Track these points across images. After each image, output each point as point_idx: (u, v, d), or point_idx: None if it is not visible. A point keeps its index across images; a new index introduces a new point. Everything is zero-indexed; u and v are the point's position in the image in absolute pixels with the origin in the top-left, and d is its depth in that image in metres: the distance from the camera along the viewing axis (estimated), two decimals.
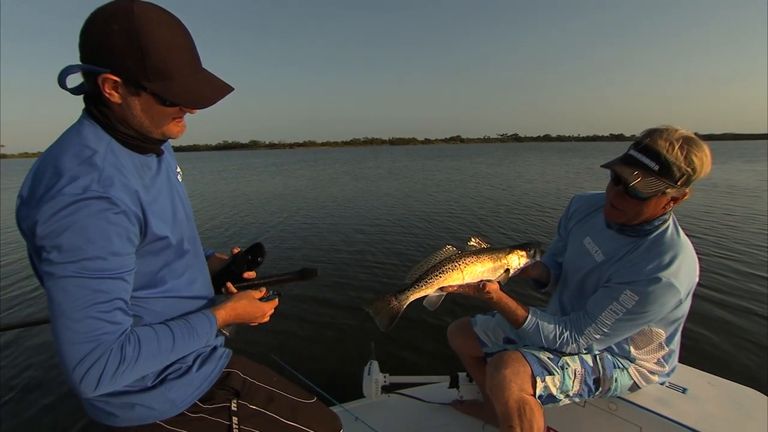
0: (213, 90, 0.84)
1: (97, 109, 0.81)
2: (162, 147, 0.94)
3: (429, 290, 1.21)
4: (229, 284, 1.12)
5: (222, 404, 1.03)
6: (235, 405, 1.04)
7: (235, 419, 1.02)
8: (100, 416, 0.91)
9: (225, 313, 0.98)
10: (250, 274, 1.17)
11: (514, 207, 9.47)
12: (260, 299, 1.06)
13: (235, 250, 1.20)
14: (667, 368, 1.38)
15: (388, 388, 1.95)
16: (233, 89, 0.87)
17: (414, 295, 1.21)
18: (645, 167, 1.12)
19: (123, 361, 0.74)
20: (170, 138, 0.90)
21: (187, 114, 0.89)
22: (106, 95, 0.77)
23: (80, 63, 0.77)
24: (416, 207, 9.71)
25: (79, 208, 0.70)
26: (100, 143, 0.79)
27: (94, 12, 0.75)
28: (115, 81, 0.76)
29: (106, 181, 0.75)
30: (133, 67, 0.75)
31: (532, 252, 1.31)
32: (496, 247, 1.28)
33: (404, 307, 1.21)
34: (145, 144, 0.87)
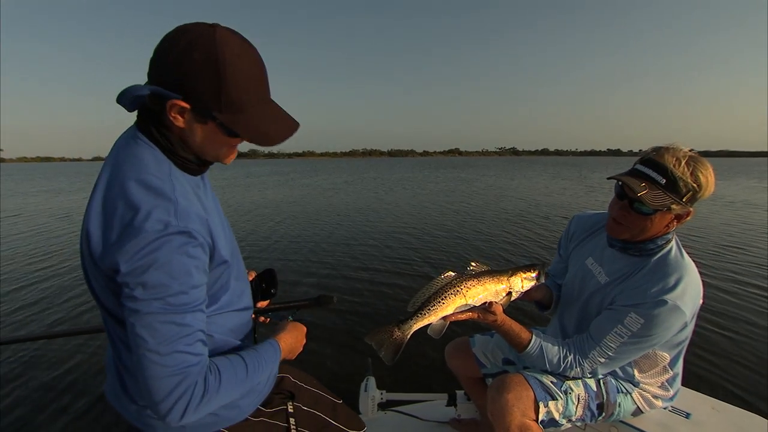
0: (280, 129, 0.83)
1: (157, 130, 0.79)
2: None
3: (432, 318, 1.17)
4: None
5: (279, 407, 1.08)
6: (292, 407, 1.10)
7: (292, 420, 1.08)
8: (156, 428, 0.88)
9: (287, 337, 1.03)
10: (262, 303, 1.19)
11: (543, 220, 9.43)
12: None
13: (251, 276, 1.19)
14: (671, 392, 1.36)
15: (384, 405, 1.91)
16: (299, 126, 0.85)
17: (417, 325, 1.17)
18: (652, 180, 1.12)
19: (207, 391, 0.75)
20: (221, 163, 0.89)
21: None
22: (170, 118, 0.76)
23: (150, 85, 0.74)
24: (429, 221, 9.50)
25: (162, 244, 0.70)
26: (162, 169, 0.78)
27: (173, 35, 0.73)
28: (184, 107, 0.75)
29: (182, 213, 0.74)
30: (208, 97, 0.73)
31: (536, 273, 1.26)
32: (498, 270, 1.24)
33: (408, 337, 1.17)
34: (200, 167, 0.88)
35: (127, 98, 0.75)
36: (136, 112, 0.81)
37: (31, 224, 9.46)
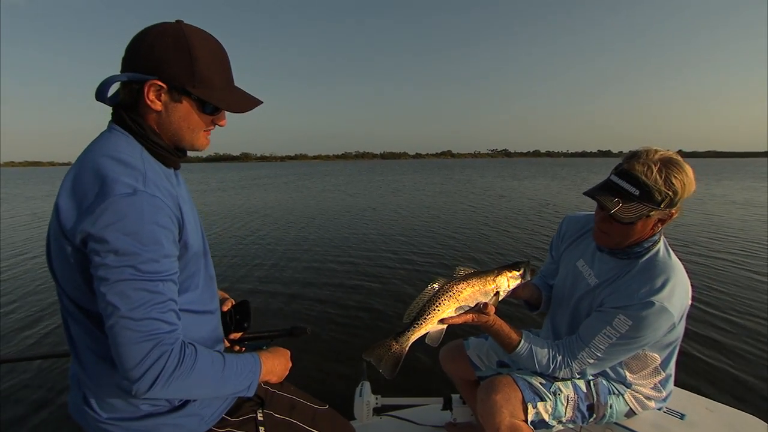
0: (246, 100, 0.92)
1: (130, 118, 0.84)
2: None
3: (429, 325, 1.16)
4: (225, 341, 1.13)
5: (248, 416, 1.03)
6: (262, 415, 1.05)
7: (262, 429, 1.03)
8: None
9: (268, 355, 1.02)
10: (235, 335, 1.18)
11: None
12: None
13: (226, 307, 1.18)
14: (663, 393, 1.36)
15: (379, 410, 1.90)
16: (262, 102, 0.94)
17: (415, 334, 1.17)
18: (625, 193, 1.12)
19: (181, 364, 0.74)
20: (197, 149, 0.94)
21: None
22: (148, 102, 0.82)
23: (126, 72, 0.81)
24: (448, 222, 9.59)
25: (131, 211, 0.71)
26: (134, 150, 0.82)
27: (143, 31, 0.82)
28: (161, 87, 0.81)
29: (150, 182, 0.77)
30: (181, 73, 0.81)
31: (521, 272, 1.26)
32: (485, 270, 1.24)
33: (406, 349, 1.16)
34: (172, 157, 0.90)
35: (105, 88, 0.81)
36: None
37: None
